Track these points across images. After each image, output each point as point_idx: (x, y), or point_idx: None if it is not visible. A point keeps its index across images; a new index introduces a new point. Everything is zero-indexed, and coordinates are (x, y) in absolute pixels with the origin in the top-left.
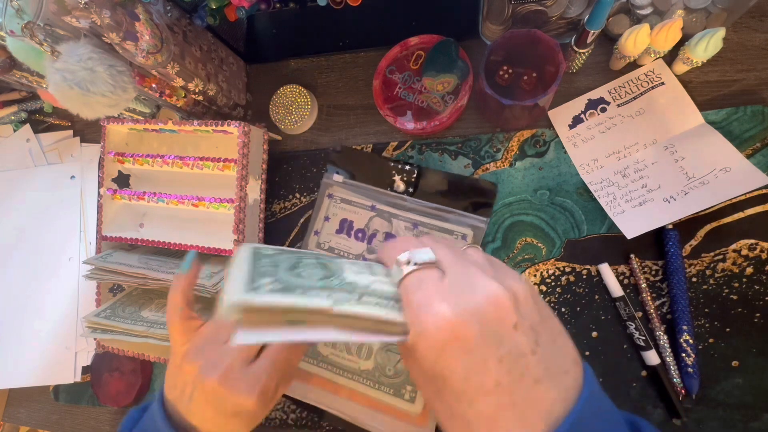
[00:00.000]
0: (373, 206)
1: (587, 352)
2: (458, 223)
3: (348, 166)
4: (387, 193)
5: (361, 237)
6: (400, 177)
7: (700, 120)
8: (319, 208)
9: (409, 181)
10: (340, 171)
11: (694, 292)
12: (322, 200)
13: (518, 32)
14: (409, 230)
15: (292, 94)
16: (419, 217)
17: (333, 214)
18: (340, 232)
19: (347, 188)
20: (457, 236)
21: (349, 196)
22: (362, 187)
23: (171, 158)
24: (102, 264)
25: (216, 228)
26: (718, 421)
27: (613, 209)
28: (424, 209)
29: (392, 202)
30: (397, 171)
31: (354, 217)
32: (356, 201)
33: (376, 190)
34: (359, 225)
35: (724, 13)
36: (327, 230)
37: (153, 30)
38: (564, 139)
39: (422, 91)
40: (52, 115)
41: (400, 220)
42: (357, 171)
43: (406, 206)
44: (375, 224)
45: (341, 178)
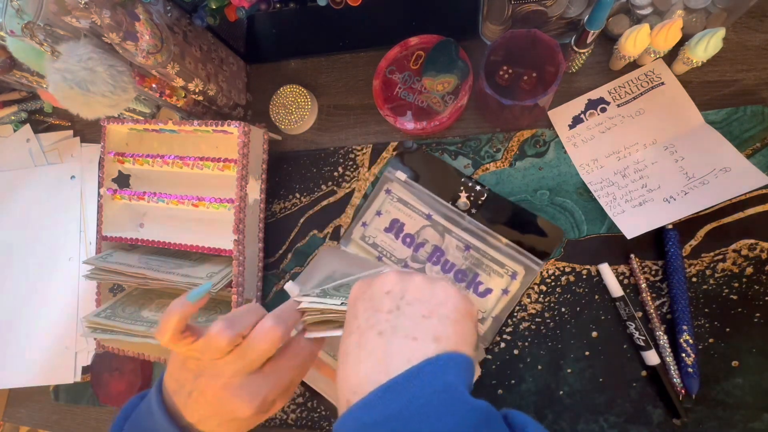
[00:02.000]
0: (430, 215)
1: (587, 352)
2: (512, 258)
3: (416, 167)
4: (447, 206)
5: (408, 242)
6: (467, 195)
7: (700, 120)
8: (372, 200)
9: (475, 201)
10: (405, 169)
11: (694, 292)
12: (378, 193)
13: (518, 32)
14: (460, 250)
15: (292, 94)
16: (474, 239)
17: (386, 210)
18: (389, 231)
19: (407, 188)
20: (508, 270)
21: (407, 197)
22: (423, 193)
23: (171, 158)
24: (102, 264)
25: (216, 228)
26: (718, 421)
27: (613, 209)
28: (481, 233)
29: (450, 217)
30: (465, 188)
31: (407, 220)
32: (413, 204)
33: (437, 200)
34: (410, 230)
35: (724, 13)
36: (375, 225)
37: (153, 30)
38: (564, 139)
39: (422, 91)
40: (52, 115)
41: (453, 237)
42: (423, 174)
43: (462, 225)
44: (426, 234)
45: (404, 177)
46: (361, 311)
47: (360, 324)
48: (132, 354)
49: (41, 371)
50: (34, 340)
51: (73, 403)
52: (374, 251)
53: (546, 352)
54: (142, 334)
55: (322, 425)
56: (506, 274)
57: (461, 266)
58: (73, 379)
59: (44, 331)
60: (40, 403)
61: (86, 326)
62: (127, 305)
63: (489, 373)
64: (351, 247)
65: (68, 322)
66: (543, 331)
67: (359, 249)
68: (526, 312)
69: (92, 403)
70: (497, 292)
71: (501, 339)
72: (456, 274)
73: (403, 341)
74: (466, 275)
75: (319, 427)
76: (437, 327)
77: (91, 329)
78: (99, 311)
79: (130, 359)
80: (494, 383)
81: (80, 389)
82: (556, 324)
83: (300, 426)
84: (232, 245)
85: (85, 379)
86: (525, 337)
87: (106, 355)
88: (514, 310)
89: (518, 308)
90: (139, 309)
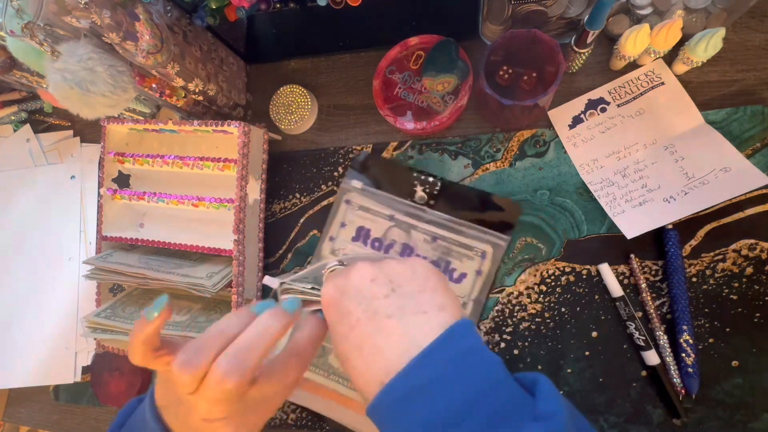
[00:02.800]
0: (392, 216)
1: (587, 352)
2: (478, 239)
3: (369, 173)
4: (407, 203)
5: (377, 246)
6: (422, 188)
7: (700, 120)
8: (335, 214)
9: (431, 192)
10: (360, 177)
11: (694, 292)
12: (339, 205)
13: (518, 32)
14: (427, 243)
15: (292, 94)
16: (439, 230)
17: (350, 221)
18: (357, 239)
19: (366, 195)
20: (477, 252)
21: (367, 203)
22: (381, 195)
23: (171, 158)
24: (102, 264)
25: (216, 228)
26: (718, 421)
27: (613, 209)
28: (445, 222)
29: (412, 213)
30: (419, 182)
31: (371, 226)
32: (374, 209)
33: (396, 200)
34: (376, 234)
35: (724, 13)
36: (342, 237)
37: (153, 30)
38: (564, 139)
39: (422, 91)
40: (52, 115)
41: (419, 231)
42: (377, 178)
43: (425, 218)
44: (393, 234)
45: (360, 185)
46: (354, 306)
47: (359, 317)
48: None
49: (41, 371)
50: (34, 340)
51: (73, 403)
52: None
53: (546, 352)
54: None
55: (322, 425)
56: (476, 256)
57: (432, 257)
58: (73, 379)
59: (44, 331)
60: (40, 403)
61: (86, 326)
62: (127, 305)
63: None
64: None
65: (68, 322)
66: (543, 331)
67: None
68: (526, 312)
69: (92, 403)
70: (471, 274)
71: (501, 339)
72: None
73: (416, 317)
74: (438, 265)
75: (319, 427)
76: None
77: (91, 329)
78: (99, 311)
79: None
80: None
81: (80, 389)
82: (556, 324)
83: (300, 426)
84: (232, 245)
85: (85, 379)
86: (525, 337)
87: (106, 355)
88: (514, 309)
89: (518, 308)
90: (139, 309)
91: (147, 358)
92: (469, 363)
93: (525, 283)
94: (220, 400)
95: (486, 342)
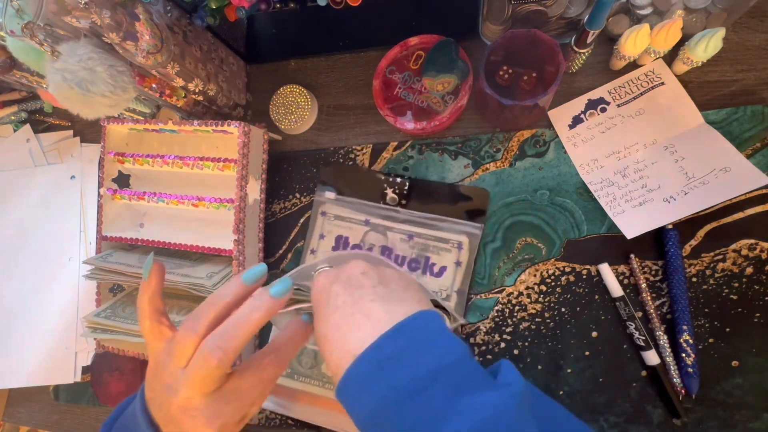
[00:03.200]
0: (367, 221)
1: (587, 352)
2: (453, 231)
3: (338, 183)
4: (380, 207)
5: None
6: (392, 189)
7: (700, 120)
8: (313, 227)
9: (401, 192)
10: (331, 188)
11: (694, 292)
12: (316, 218)
13: (518, 32)
14: (404, 242)
15: (292, 94)
16: (414, 228)
17: (328, 231)
18: (336, 248)
19: (340, 204)
20: (453, 244)
21: (342, 212)
22: (354, 203)
23: (171, 158)
24: (102, 264)
25: (216, 228)
26: (718, 421)
27: (613, 209)
28: (418, 220)
29: (386, 215)
30: (388, 184)
31: (349, 233)
32: (350, 217)
33: (369, 204)
34: (355, 240)
35: (724, 13)
36: (323, 248)
37: (153, 30)
38: (564, 139)
39: (422, 91)
40: (52, 115)
41: (395, 232)
42: (347, 187)
43: (399, 218)
44: (370, 238)
45: (333, 195)
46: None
47: (345, 299)
48: (132, 354)
49: (41, 371)
50: (34, 340)
51: (73, 403)
52: None
53: (546, 352)
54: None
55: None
56: (453, 248)
57: (411, 255)
58: (73, 379)
59: (44, 331)
60: (40, 403)
61: (86, 326)
62: (127, 305)
63: None
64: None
65: (68, 322)
66: (543, 331)
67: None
68: (526, 312)
69: (92, 403)
70: (451, 267)
71: (501, 339)
72: (409, 264)
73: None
74: (418, 262)
75: (319, 427)
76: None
77: (91, 329)
78: (99, 311)
79: (130, 359)
80: None
81: (80, 389)
82: (556, 324)
83: (300, 426)
84: (232, 245)
85: (85, 379)
86: (525, 337)
87: (106, 355)
88: (514, 309)
89: (518, 308)
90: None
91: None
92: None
93: (525, 283)
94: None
95: (486, 342)
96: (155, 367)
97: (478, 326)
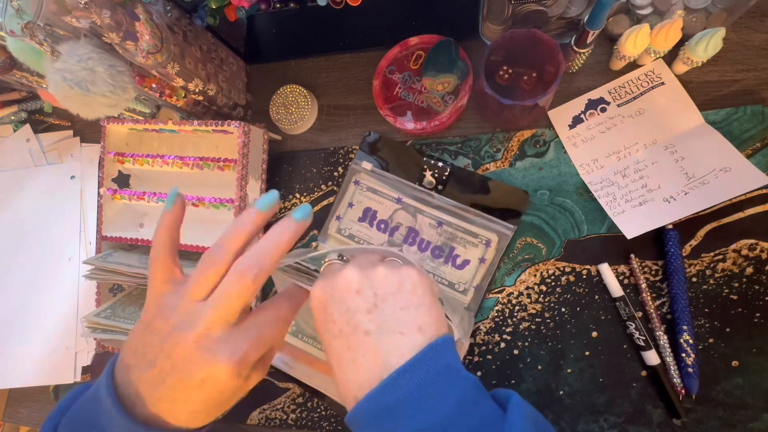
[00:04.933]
0: (399, 198)
1: (587, 352)
2: (484, 227)
3: (379, 155)
4: (415, 187)
5: (383, 228)
6: (431, 172)
7: (700, 120)
8: (343, 194)
9: (440, 177)
10: (370, 159)
11: (694, 292)
12: (348, 186)
13: (518, 32)
14: (433, 227)
15: (292, 94)
16: (445, 215)
17: (357, 201)
18: (363, 220)
19: (375, 177)
20: (482, 239)
21: (375, 185)
22: (390, 178)
23: (171, 158)
24: (102, 264)
25: (216, 228)
26: (718, 421)
27: (613, 209)
28: (451, 208)
29: (419, 197)
30: (429, 166)
31: (378, 207)
32: (382, 191)
33: (405, 183)
34: (383, 216)
35: (724, 13)
36: (349, 217)
37: (153, 30)
38: (564, 139)
39: (422, 91)
40: (52, 115)
41: (425, 216)
42: (388, 160)
43: (432, 203)
44: (399, 217)
45: (370, 166)
46: (337, 315)
47: (342, 328)
48: None
49: (41, 371)
50: (34, 340)
51: None
52: (351, 242)
53: (546, 352)
54: None
55: (322, 425)
56: (481, 243)
57: (437, 243)
58: (73, 379)
59: (44, 331)
60: (40, 403)
61: (86, 326)
62: (127, 305)
63: (489, 372)
64: (329, 242)
65: (68, 322)
66: (543, 331)
67: (337, 242)
68: (526, 312)
69: None
70: (475, 262)
71: (501, 339)
72: (433, 251)
73: (392, 337)
74: (442, 251)
75: (319, 427)
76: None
77: (91, 329)
78: (99, 311)
79: None
80: (494, 383)
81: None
82: (556, 324)
83: (300, 426)
84: None
85: (85, 379)
86: (525, 337)
87: (106, 355)
88: (514, 309)
89: (518, 308)
90: (139, 309)
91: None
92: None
93: (525, 283)
94: (230, 304)
95: (486, 342)
96: (157, 313)
97: (478, 326)
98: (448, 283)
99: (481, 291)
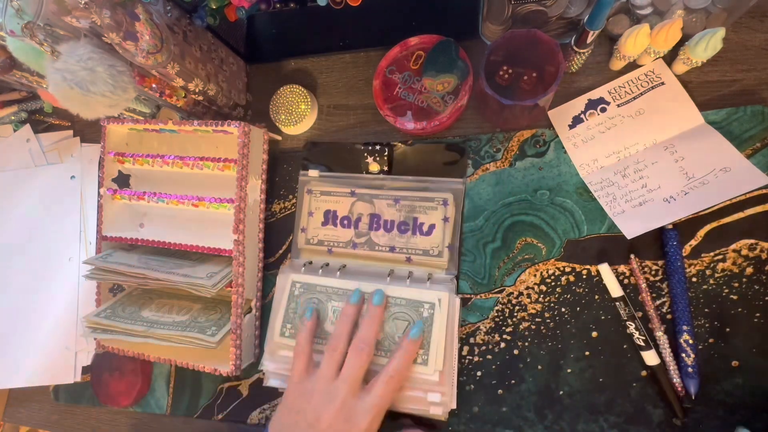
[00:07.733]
0: (353, 191)
1: (587, 352)
2: (437, 189)
3: (321, 161)
4: (363, 177)
5: (347, 224)
6: (373, 158)
7: (700, 120)
8: (301, 206)
9: (382, 160)
10: (315, 166)
11: (694, 292)
12: (302, 197)
13: (518, 32)
14: (391, 206)
15: (292, 94)
16: (399, 192)
17: (315, 208)
18: (326, 223)
19: (324, 181)
20: (438, 201)
21: (327, 187)
22: (338, 176)
23: (171, 158)
24: (102, 264)
25: (216, 228)
26: (718, 421)
27: (613, 209)
28: (402, 183)
29: (370, 184)
30: (368, 153)
31: (336, 206)
32: (335, 191)
33: (352, 176)
34: (343, 213)
35: (724, 13)
36: (313, 225)
37: (153, 30)
38: (564, 139)
39: (422, 91)
40: (52, 115)
41: (381, 198)
42: (331, 163)
43: (384, 185)
44: (358, 208)
45: (317, 173)
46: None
47: None
48: (132, 354)
49: (41, 371)
50: (34, 340)
51: (73, 403)
52: (322, 248)
53: (546, 352)
54: (142, 334)
55: None
56: (439, 205)
57: (399, 219)
58: (73, 379)
59: (44, 331)
60: (40, 403)
61: (86, 326)
62: (127, 305)
63: (489, 373)
64: (302, 255)
65: (68, 322)
66: (543, 331)
67: (309, 253)
68: (526, 312)
69: (92, 403)
70: (439, 224)
71: (501, 339)
72: (399, 227)
73: None
74: (407, 224)
75: None
76: None
77: (91, 329)
78: (99, 311)
79: (130, 359)
80: (494, 383)
81: (80, 389)
82: (556, 324)
83: None
84: (232, 245)
85: (85, 379)
86: (525, 337)
87: (106, 355)
88: (514, 309)
89: (518, 308)
90: (139, 309)
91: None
92: None
93: (525, 283)
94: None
95: (485, 342)
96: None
97: (478, 326)
98: (422, 252)
99: (455, 248)
